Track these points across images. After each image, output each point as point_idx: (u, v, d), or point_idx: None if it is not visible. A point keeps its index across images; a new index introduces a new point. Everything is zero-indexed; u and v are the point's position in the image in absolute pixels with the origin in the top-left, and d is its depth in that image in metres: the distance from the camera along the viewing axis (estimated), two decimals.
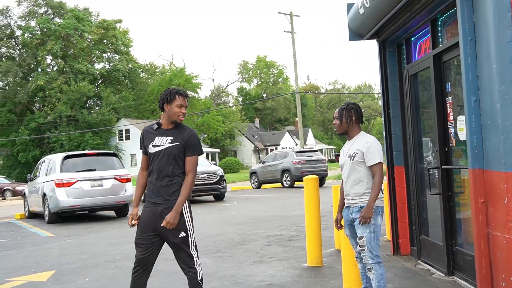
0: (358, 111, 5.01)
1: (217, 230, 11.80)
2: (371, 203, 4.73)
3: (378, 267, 4.81)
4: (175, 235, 4.66)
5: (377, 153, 4.80)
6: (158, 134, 4.78)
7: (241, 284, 6.62)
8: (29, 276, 7.86)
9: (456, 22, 5.37)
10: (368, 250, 4.79)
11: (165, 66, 78.41)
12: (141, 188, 4.90)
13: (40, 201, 15.80)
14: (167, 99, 4.75)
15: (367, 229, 4.78)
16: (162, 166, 4.69)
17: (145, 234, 4.71)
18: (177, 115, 4.73)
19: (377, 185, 4.74)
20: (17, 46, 60.35)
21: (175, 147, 4.71)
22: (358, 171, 4.87)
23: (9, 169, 56.51)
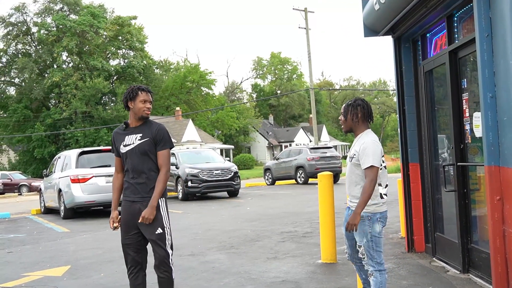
0: (366, 108, 4.70)
1: (231, 226, 11.83)
2: (357, 210, 4.37)
3: (378, 275, 4.56)
4: (151, 231, 4.67)
5: (371, 156, 4.43)
6: (127, 133, 4.78)
7: (255, 280, 6.63)
8: (45, 270, 7.94)
9: (472, 18, 5.33)
10: (369, 258, 4.58)
11: (180, 63, 78.65)
12: (117, 191, 4.88)
13: (56, 196, 15.92)
14: (130, 96, 4.73)
15: (364, 239, 4.55)
16: (136, 163, 4.70)
17: (130, 233, 4.74)
18: (142, 110, 4.72)
19: (366, 190, 4.36)
20: (33, 43, 60.75)
21: (145, 143, 4.71)
22: (355, 173, 4.61)
23: (25, 164, 56.97)
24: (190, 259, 8.21)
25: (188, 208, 16.71)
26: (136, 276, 4.80)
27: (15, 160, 61.25)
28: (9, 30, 59.22)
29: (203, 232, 11.15)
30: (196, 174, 19.40)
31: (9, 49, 60.23)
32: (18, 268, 8.26)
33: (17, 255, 9.57)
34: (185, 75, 67.86)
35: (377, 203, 4.54)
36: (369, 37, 7.95)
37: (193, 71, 68.26)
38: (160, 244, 4.69)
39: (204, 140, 59.53)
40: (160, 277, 4.72)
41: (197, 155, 21.98)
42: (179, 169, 20.00)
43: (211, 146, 52.70)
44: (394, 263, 7.06)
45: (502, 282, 4.80)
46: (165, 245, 4.72)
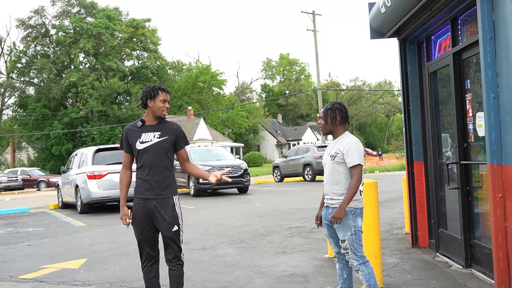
0: (343, 111, 4.74)
1: (241, 221, 11.84)
2: (343, 204, 4.46)
3: (364, 267, 4.57)
4: (168, 228, 4.66)
5: (357, 155, 4.53)
6: (144, 130, 4.72)
7: (264, 273, 6.64)
8: (63, 263, 7.99)
9: (475, 21, 5.30)
10: (352, 253, 4.58)
11: (192, 64, 78.73)
12: (126, 188, 4.84)
13: (73, 192, 16.01)
14: (150, 95, 4.70)
15: (348, 232, 4.55)
16: (153, 161, 4.66)
17: (145, 230, 4.71)
18: (161, 110, 4.70)
19: (353, 187, 4.47)
20: (51, 44, 61.01)
21: (165, 141, 4.70)
22: (337, 171, 4.62)
23: (44, 161, 57.26)
24: (202, 253, 8.23)
25: (200, 204, 16.74)
26: (150, 269, 4.80)
27: (34, 157, 61.58)
28: (29, 32, 59.55)
29: (214, 227, 11.17)
30: (207, 171, 19.41)
31: (29, 50, 60.56)
32: (37, 261, 8.31)
33: (36, 248, 9.64)
34: (197, 76, 67.92)
35: (358, 199, 4.60)
36: (375, 39, 7.93)
37: (205, 71, 68.31)
38: (175, 241, 4.70)
39: (215, 138, 59.59)
40: (173, 270, 4.73)
41: (208, 153, 22.01)
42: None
43: (221, 144, 52.78)
44: (399, 258, 7.04)
45: (504, 276, 4.78)
46: (179, 241, 4.73)
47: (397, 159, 46.12)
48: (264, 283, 6.16)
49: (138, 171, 4.75)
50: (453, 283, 5.67)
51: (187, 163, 4.91)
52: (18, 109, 61.93)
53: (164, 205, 4.67)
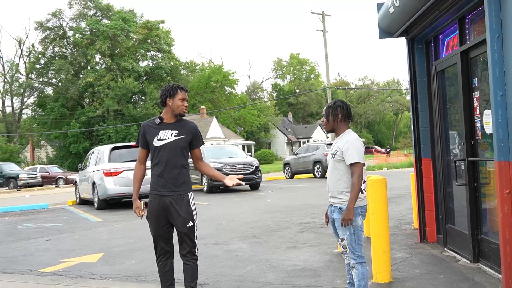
0: (345, 108, 4.66)
1: (253, 217, 11.84)
2: (350, 205, 4.37)
3: (360, 267, 4.51)
4: (183, 224, 4.66)
5: (356, 153, 4.42)
6: (162, 128, 4.70)
7: (275, 268, 6.63)
8: (81, 257, 8.04)
9: (483, 20, 5.25)
10: (350, 252, 4.53)
11: (204, 64, 78.88)
12: (140, 182, 4.83)
13: (90, 188, 16.10)
14: (169, 93, 4.68)
15: (347, 232, 4.48)
16: (170, 158, 4.65)
17: (160, 226, 4.71)
18: (181, 108, 4.69)
19: (355, 185, 4.36)
20: (68, 46, 61.37)
21: (182, 140, 4.70)
22: (338, 169, 4.55)
23: (62, 159, 57.63)
24: (215, 248, 8.24)
25: (212, 200, 16.77)
26: (165, 264, 4.81)
27: (53, 155, 62.01)
28: (47, 34, 59.99)
29: (226, 222, 11.18)
30: (220, 168, 19.44)
31: (47, 51, 61.03)
32: (56, 255, 8.37)
33: (55, 243, 9.70)
34: (209, 76, 68.02)
35: (359, 198, 4.48)
36: (384, 39, 7.89)
37: (217, 71, 68.40)
38: (190, 236, 4.71)
39: (227, 136, 59.64)
40: (187, 265, 4.74)
41: (221, 151, 22.05)
42: None
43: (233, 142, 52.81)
44: (407, 253, 7.01)
45: (511, 271, 4.74)
46: (194, 237, 4.74)
47: (405, 156, 45.88)
48: (276, 277, 6.16)
49: (154, 168, 4.72)
50: (460, 277, 5.63)
51: (201, 162, 4.93)
52: (37, 108, 62.44)
53: (179, 202, 4.67)
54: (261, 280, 6.02)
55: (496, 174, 4.85)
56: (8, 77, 65.11)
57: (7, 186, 33.19)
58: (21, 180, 32.86)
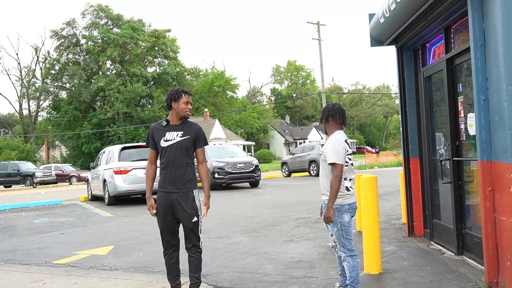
0: (340, 112, 4.66)
1: (253, 213, 11.83)
2: (329, 203, 4.39)
3: (350, 259, 4.51)
4: (189, 219, 4.66)
5: (333, 153, 4.39)
6: (168, 129, 4.70)
7: (274, 260, 6.63)
8: (92, 250, 8.03)
9: (467, 30, 5.25)
10: (340, 245, 4.54)
11: (208, 70, 78.78)
12: (152, 181, 4.81)
13: (101, 186, 16.08)
14: (174, 97, 4.67)
15: (335, 228, 4.50)
16: (176, 158, 4.64)
17: (167, 220, 4.70)
18: (185, 111, 4.68)
19: (332, 185, 4.34)
20: (81, 53, 61.34)
21: (187, 140, 4.68)
22: (324, 168, 4.56)
23: (75, 158, 57.61)
24: (217, 241, 8.23)
25: (215, 196, 16.75)
26: (171, 256, 4.81)
27: (66, 154, 62.02)
28: (61, 42, 59.97)
29: (228, 217, 11.17)
30: (222, 167, 19.45)
31: (61, 58, 60.99)
32: (69, 247, 8.36)
33: (68, 236, 9.69)
34: (212, 81, 68.01)
35: (344, 196, 4.46)
36: (375, 47, 7.89)
37: (220, 77, 68.39)
38: (195, 231, 4.70)
39: (229, 137, 59.62)
40: (192, 257, 4.74)
41: (223, 150, 22.03)
42: (207, 162, 20.03)
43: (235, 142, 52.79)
44: (396, 246, 7.00)
45: (493, 263, 4.74)
46: (198, 231, 4.73)
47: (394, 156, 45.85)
48: (274, 268, 6.15)
49: (162, 167, 4.73)
50: (446, 268, 5.63)
51: (201, 165, 4.85)
52: (52, 111, 62.41)
53: (185, 198, 4.67)
54: (260, 272, 6.02)
55: (479, 173, 4.85)
56: (25, 81, 65.17)
57: (23, 183, 33.16)
58: (37, 177, 32.83)
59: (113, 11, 60.27)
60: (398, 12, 6.29)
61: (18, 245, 8.89)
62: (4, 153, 47.84)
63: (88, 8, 59.61)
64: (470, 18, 4.86)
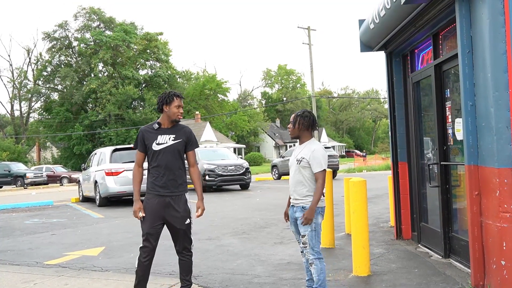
0: (311, 119, 4.64)
1: (243, 215, 11.82)
2: (313, 206, 4.41)
3: (318, 262, 4.49)
4: (182, 222, 4.62)
5: (322, 161, 4.46)
6: (160, 133, 4.63)
7: (264, 261, 6.63)
8: (83, 251, 7.98)
9: (455, 36, 5.30)
10: (310, 247, 4.50)
11: (199, 73, 78.67)
12: (139, 184, 4.68)
13: (92, 187, 16.00)
14: (166, 101, 4.62)
15: (309, 228, 4.47)
16: (169, 161, 4.58)
17: (154, 224, 4.58)
18: (177, 115, 4.64)
19: (319, 190, 4.41)
20: (74, 55, 61.07)
21: (179, 144, 4.64)
22: (302, 174, 4.53)
23: (66, 159, 57.29)
24: (207, 243, 8.21)
25: (206, 198, 16.56)
26: (149, 261, 4.63)
27: (57, 155, 61.65)
28: (54, 44, 59.72)
29: (218, 219, 11.15)
30: (213, 169, 19.41)
31: (53, 60, 60.72)
32: (60, 248, 8.30)
33: (59, 237, 9.62)
34: (204, 84, 67.92)
35: (321, 199, 4.50)
36: (365, 52, 7.92)
37: (211, 80, 68.32)
38: (187, 233, 4.67)
39: (220, 140, 59.57)
40: (183, 260, 4.70)
41: (214, 153, 22.00)
42: (198, 164, 19.96)
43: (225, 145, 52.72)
44: (384, 249, 7.03)
45: (479, 266, 4.77)
46: (190, 233, 4.70)
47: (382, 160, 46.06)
48: (264, 270, 6.15)
49: (153, 170, 4.64)
50: (433, 271, 5.66)
51: (192, 168, 4.84)
52: (43, 112, 62.06)
53: (178, 201, 4.63)
54: (251, 273, 6.01)
55: (466, 177, 4.88)
56: (17, 83, 64.70)
57: (14, 184, 32.90)
58: (28, 178, 32.59)
59: (105, 14, 60.17)
60: (388, 19, 6.32)
61: (9, 245, 8.81)
62: None
63: (80, 10, 59.45)
64: (458, 25, 4.90)
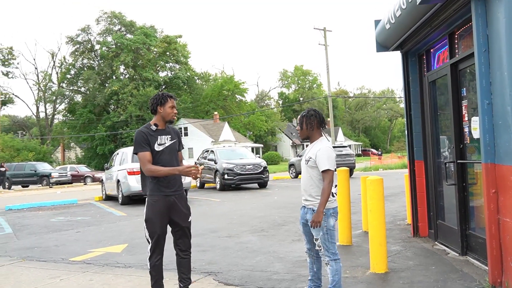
0: (318, 117, 4.47)
1: (261, 213, 11.83)
2: (320, 208, 4.21)
3: (334, 263, 4.36)
4: (186, 219, 4.63)
5: (327, 160, 4.26)
6: (158, 133, 4.57)
7: (282, 259, 6.62)
8: (107, 248, 8.05)
9: (471, 35, 5.24)
10: (325, 250, 4.39)
11: (217, 74, 79.02)
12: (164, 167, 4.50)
13: (115, 186, 16.13)
14: (160, 102, 4.56)
15: (320, 232, 4.33)
16: (170, 160, 4.55)
17: (164, 224, 4.56)
18: (171, 115, 4.60)
19: (325, 190, 4.21)
20: (96, 58, 61.73)
21: (175, 144, 4.65)
22: (310, 174, 4.38)
23: (89, 159, 57.95)
24: (227, 240, 8.24)
25: (225, 197, 16.76)
26: (161, 261, 4.66)
27: (81, 156, 62.42)
28: (77, 47, 60.45)
29: (237, 217, 11.17)
30: (232, 168, 19.45)
31: (77, 63, 61.48)
32: (85, 245, 8.39)
33: (84, 234, 9.74)
34: (222, 85, 68.10)
35: (330, 200, 4.34)
36: (381, 52, 7.86)
37: (229, 81, 68.47)
38: (189, 230, 4.69)
39: (238, 139, 59.66)
40: (185, 259, 4.68)
41: (232, 152, 22.03)
42: (217, 164, 20.07)
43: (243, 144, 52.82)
44: (402, 246, 6.97)
45: (496, 263, 4.70)
46: (190, 232, 4.72)
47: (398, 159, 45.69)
48: (283, 267, 6.15)
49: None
50: (450, 268, 5.60)
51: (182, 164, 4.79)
52: (67, 114, 62.93)
53: (180, 199, 4.63)
54: (269, 270, 6.02)
55: (483, 175, 4.82)
56: (42, 86, 65.66)
57: (40, 184, 33.36)
58: (53, 178, 33.01)
59: (126, 17, 60.70)
60: (404, 19, 6.27)
61: (36, 242, 8.95)
62: (21, 154, 48.16)
63: (102, 15, 60.08)
64: (474, 24, 4.84)
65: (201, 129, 57.98)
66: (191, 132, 56.96)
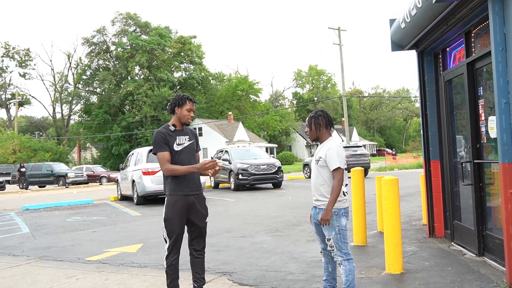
0: (326, 117, 4.49)
1: (276, 213, 11.81)
2: (329, 206, 4.22)
3: (347, 263, 4.36)
4: (203, 220, 4.66)
5: (337, 159, 4.26)
6: (177, 134, 4.61)
7: (297, 259, 6.61)
8: (122, 247, 8.11)
9: (488, 34, 5.17)
10: (337, 250, 4.38)
11: (232, 74, 79.10)
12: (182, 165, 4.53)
13: (130, 186, 16.23)
14: (178, 103, 4.59)
15: (333, 232, 4.32)
16: (189, 160, 4.57)
17: (183, 224, 4.59)
18: (187, 118, 4.61)
19: (335, 189, 4.21)
20: (111, 59, 62.18)
21: (193, 144, 4.69)
22: (321, 174, 4.37)
23: (105, 159, 58.38)
24: (242, 240, 8.24)
25: (239, 197, 16.78)
26: (178, 260, 4.68)
27: (97, 156, 62.94)
28: (92, 48, 60.96)
29: (252, 217, 11.17)
30: (246, 168, 19.46)
31: (92, 64, 62.00)
32: (101, 245, 8.46)
33: (99, 234, 9.81)
34: (236, 85, 68.18)
35: (341, 200, 4.33)
36: (396, 51, 7.80)
37: (243, 81, 68.53)
38: (205, 231, 4.72)
39: (252, 139, 59.69)
40: (199, 259, 4.71)
41: (247, 152, 22.04)
42: (231, 164, 20.10)
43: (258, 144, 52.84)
44: (417, 247, 6.92)
45: None
46: (206, 232, 4.75)
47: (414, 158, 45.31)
48: (297, 267, 6.14)
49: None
50: (467, 269, 5.54)
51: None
52: (83, 114, 63.47)
53: (199, 199, 4.66)
54: (284, 270, 6.01)
55: (500, 175, 4.76)
56: (58, 87, 66.37)
57: (57, 184, 33.72)
58: (69, 178, 33.34)
59: (141, 18, 61.03)
60: (419, 17, 6.22)
61: (52, 242, 9.05)
62: (38, 154, 48.75)
63: (117, 16, 60.49)
64: (491, 22, 4.78)
65: (215, 129, 58.15)
66: (206, 132, 57.14)
